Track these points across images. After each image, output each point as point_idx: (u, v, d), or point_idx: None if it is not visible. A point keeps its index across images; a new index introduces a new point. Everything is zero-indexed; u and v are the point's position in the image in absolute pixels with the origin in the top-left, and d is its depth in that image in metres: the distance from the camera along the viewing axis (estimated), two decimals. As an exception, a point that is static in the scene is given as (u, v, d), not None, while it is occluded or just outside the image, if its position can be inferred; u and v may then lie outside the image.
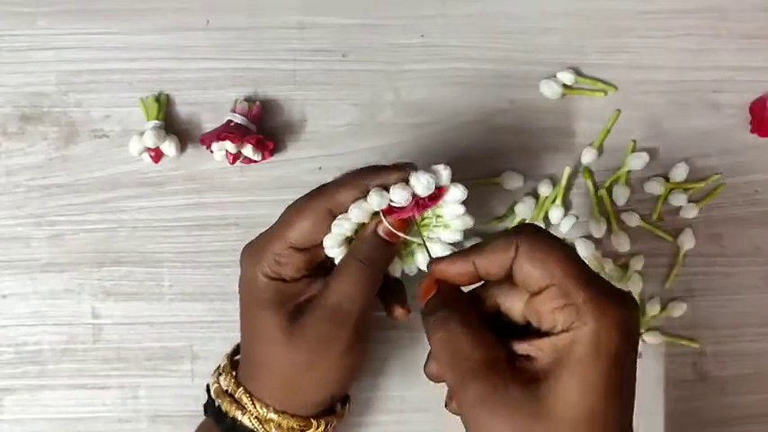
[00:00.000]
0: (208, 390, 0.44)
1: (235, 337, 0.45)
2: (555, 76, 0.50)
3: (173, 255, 0.49)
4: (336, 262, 0.41)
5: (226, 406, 0.41)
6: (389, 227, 0.39)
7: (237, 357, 0.44)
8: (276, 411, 0.41)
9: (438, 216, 0.41)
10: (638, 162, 0.49)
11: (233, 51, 0.50)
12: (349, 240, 0.41)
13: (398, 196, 0.39)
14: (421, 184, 0.39)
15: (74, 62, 0.50)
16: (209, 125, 0.50)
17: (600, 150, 0.50)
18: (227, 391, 0.42)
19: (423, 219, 0.41)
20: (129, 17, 0.50)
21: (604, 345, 0.31)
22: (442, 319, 0.35)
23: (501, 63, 0.50)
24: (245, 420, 0.41)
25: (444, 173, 0.39)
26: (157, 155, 0.49)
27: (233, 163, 0.48)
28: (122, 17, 0.50)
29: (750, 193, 0.50)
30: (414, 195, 0.39)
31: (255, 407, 0.41)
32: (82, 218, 0.49)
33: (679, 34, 0.51)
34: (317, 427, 0.42)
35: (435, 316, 0.35)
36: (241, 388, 0.42)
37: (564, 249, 0.33)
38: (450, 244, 0.42)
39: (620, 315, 0.32)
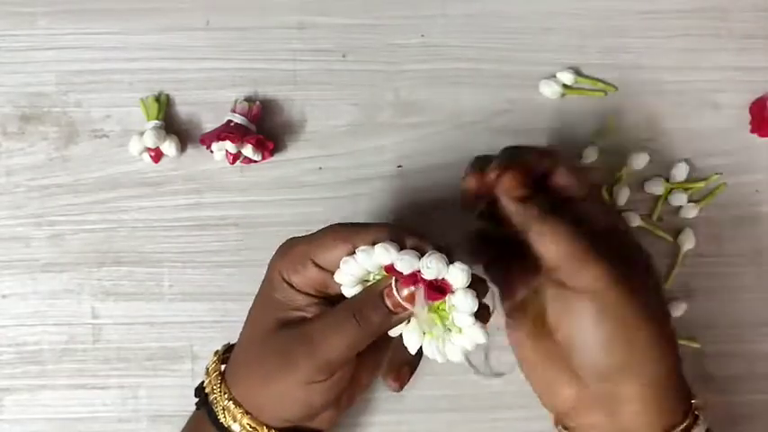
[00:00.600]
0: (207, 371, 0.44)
1: (235, 337, 0.45)
2: (555, 76, 0.50)
3: (173, 255, 0.49)
4: (345, 294, 0.39)
5: (206, 382, 0.42)
6: (396, 296, 0.37)
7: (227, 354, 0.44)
8: (236, 404, 0.40)
9: (453, 306, 0.37)
10: (638, 162, 0.49)
11: (233, 51, 0.50)
12: (363, 280, 0.39)
13: (403, 264, 0.36)
14: (431, 267, 0.36)
15: (74, 62, 0.50)
16: (209, 125, 0.50)
17: (600, 150, 0.50)
18: (209, 369, 0.43)
19: (438, 306, 0.38)
20: (129, 17, 0.50)
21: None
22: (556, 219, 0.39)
23: (501, 63, 0.50)
24: (214, 401, 0.41)
25: (460, 274, 0.36)
26: (157, 155, 0.49)
27: (233, 163, 0.48)
28: (122, 17, 0.50)
29: (750, 193, 0.50)
30: (419, 274, 0.36)
31: (221, 392, 0.41)
32: (82, 218, 0.49)
33: (679, 34, 0.51)
34: None
35: (549, 216, 0.39)
36: (217, 372, 0.42)
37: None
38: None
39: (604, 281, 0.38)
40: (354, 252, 0.37)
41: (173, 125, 0.50)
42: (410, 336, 0.39)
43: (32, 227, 0.49)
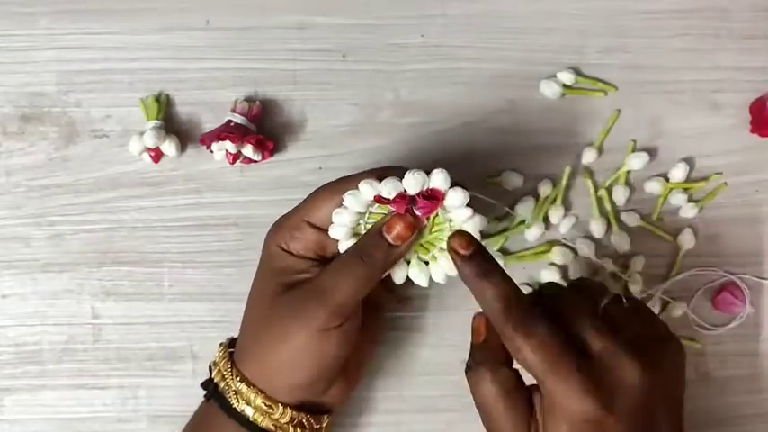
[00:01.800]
0: (210, 368, 0.44)
1: (235, 336, 0.45)
2: (555, 76, 0.50)
3: (173, 255, 0.49)
4: (341, 249, 0.41)
5: (214, 373, 0.42)
6: (395, 228, 0.39)
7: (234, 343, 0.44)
8: (248, 384, 0.41)
9: (450, 221, 0.40)
10: (638, 162, 0.49)
11: (233, 51, 0.50)
12: (356, 234, 0.41)
13: (387, 189, 0.38)
14: (411, 181, 0.38)
15: (74, 62, 0.50)
16: (209, 125, 0.50)
17: (600, 150, 0.50)
18: (216, 360, 0.43)
19: (434, 227, 0.40)
20: (129, 17, 0.50)
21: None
22: (532, 329, 0.36)
23: (501, 63, 0.50)
24: (225, 389, 0.41)
25: (439, 176, 0.38)
26: (157, 155, 0.49)
27: (233, 163, 0.48)
28: (122, 17, 0.50)
29: (750, 192, 0.50)
30: (406, 193, 0.38)
31: (233, 376, 0.41)
32: (82, 218, 0.49)
33: (679, 34, 0.51)
34: (283, 415, 0.41)
35: (525, 326, 0.36)
36: (227, 358, 0.42)
37: (542, 346, 0.36)
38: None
39: (582, 413, 0.36)
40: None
41: (173, 125, 0.49)
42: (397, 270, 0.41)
43: (32, 227, 0.49)
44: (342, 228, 0.40)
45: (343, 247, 0.40)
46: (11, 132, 0.49)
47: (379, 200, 0.38)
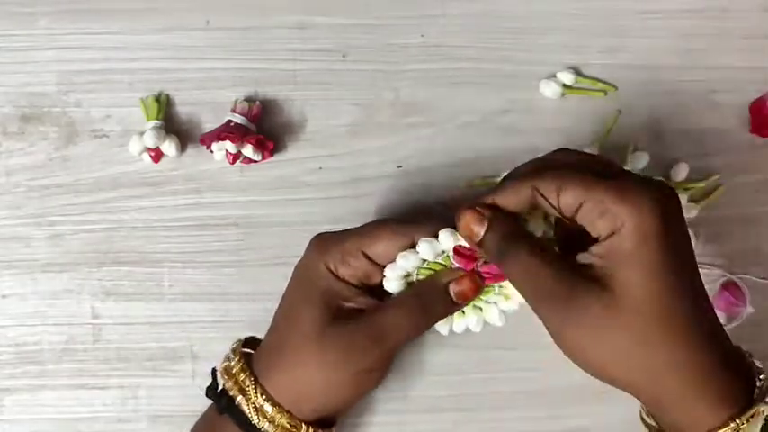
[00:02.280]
0: (213, 373, 0.43)
1: (235, 336, 0.45)
2: (555, 76, 0.50)
3: (173, 255, 0.49)
4: (392, 292, 0.42)
5: (229, 385, 0.41)
6: (463, 288, 0.40)
7: (247, 350, 0.44)
8: (274, 404, 0.40)
9: (501, 286, 0.41)
10: (638, 162, 0.49)
11: (233, 51, 0.50)
12: (409, 281, 0.41)
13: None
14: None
15: (74, 62, 0.50)
16: (209, 125, 0.50)
17: (600, 150, 0.50)
18: (233, 371, 0.42)
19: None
20: (130, 17, 0.50)
21: (648, 234, 0.33)
22: (513, 255, 0.36)
23: (501, 63, 0.50)
24: (243, 403, 0.40)
25: None
26: (157, 155, 0.49)
27: (233, 163, 0.48)
28: (122, 17, 0.50)
29: (750, 192, 0.50)
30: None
31: (256, 393, 0.40)
32: (82, 218, 0.49)
33: (679, 34, 0.51)
34: None
35: (507, 253, 0.36)
36: (248, 371, 0.41)
37: (575, 172, 0.35)
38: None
39: (652, 202, 0.34)
40: (410, 247, 0.40)
41: (173, 125, 0.49)
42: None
43: (32, 227, 0.49)
44: (401, 270, 0.41)
45: (390, 286, 0.41)
46: (11, 132, 0.50)
47: (458, 252, 0.39)
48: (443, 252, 0.40)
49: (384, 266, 0.41)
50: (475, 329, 0.42)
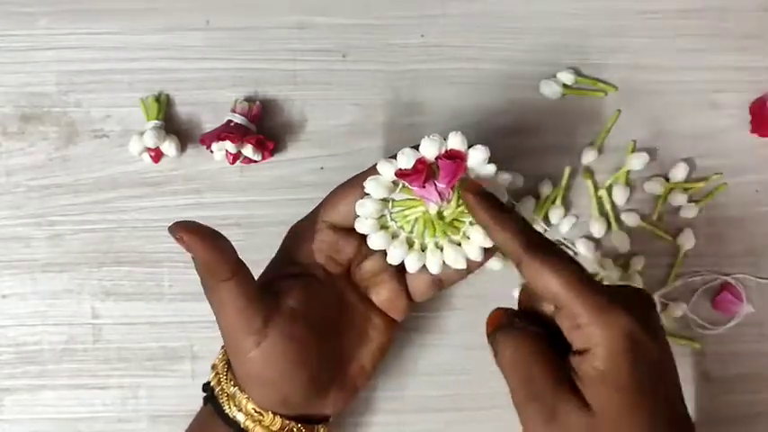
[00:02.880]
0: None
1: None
2: (555, 76, 0.50)
3: (173, 255, 0.49)
4: (371, 245, 0.39)
5: (211, 376, 0.42)
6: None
7: None
8: (241, 389, 0.40)
9: (471, 223, 0.39)
10: (638, 162, 0.49)
11: (233, 51, 0.50)
12: (384, 225, 0.40)
13: (405, 159, 0.38)
14: (427, 144, 0.38)
15: (74, 62, 0.50)
16: (209, 125, 0.50)
17: (600, 150, 0.50)
18: (215, 362, 0.43)
19: (458, 205, 0.39)
20: (130, 17, 0.50)
21: (621, 355, 0.33)
22: (512, 343, 0.35)
23: (501, 63, 0.50)
24: (219, 393, 0.41)
25: (456, 137, 0.38)
26: (157, 155, 0.49)
27: (233, 163, 0.48)
28: (122, 17, 0.50)
29: (750, 193, 0.50)
30: (425, 159, 0.38)
31: (228, 380, 0.41)
32: (82, 218, 0.49)
33: (679, 34, 0.51)
34: (273, 422, 0.40)
35: (505, 338, 0.36)
36: (225, 361, 0.42)
37: (562, 269, 0.34)
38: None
39: (627, 324, 0.33)
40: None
41: (173, 125, 0.50)
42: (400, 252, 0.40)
43: (32, 227, 0.49)
44: (368, 219, 0.39)
45: (374, 241, 0.39)
46: (11, 132, 0.50)
47: (400, 174, 0.38)
48: (395, 184, 0.39)
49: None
50: (432, 270, 0.40)
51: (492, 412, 0.49)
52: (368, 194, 0.39)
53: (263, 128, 0.49)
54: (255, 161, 0.48)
